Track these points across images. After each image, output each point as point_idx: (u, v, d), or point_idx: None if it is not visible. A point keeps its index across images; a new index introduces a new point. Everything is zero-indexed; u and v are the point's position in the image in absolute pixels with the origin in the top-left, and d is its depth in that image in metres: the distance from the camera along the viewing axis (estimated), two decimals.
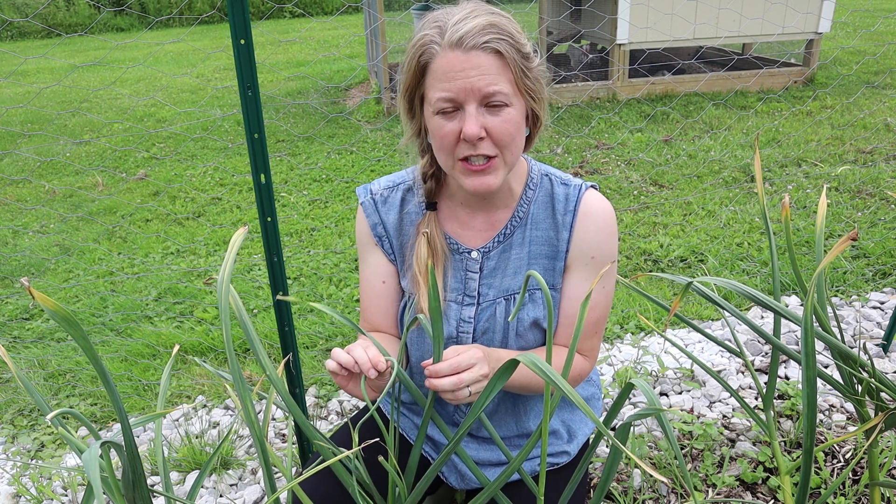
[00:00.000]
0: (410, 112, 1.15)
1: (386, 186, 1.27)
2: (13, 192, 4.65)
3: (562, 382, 0.77)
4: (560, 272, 1.21)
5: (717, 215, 3.62)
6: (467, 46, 1.02)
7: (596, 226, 1.18)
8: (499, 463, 1.33)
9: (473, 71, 1.02)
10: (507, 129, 1.06)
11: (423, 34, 1.06)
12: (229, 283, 0.91)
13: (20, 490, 1.93)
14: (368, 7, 6.71)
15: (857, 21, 9.35)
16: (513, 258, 1.21)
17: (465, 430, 0.92)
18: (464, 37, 1.01)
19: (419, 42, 1.06)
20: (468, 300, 1.22)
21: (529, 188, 1.21)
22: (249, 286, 3.14)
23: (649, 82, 6.04)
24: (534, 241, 1.21)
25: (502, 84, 1.04)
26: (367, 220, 1.25)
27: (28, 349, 2.72)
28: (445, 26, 1.04)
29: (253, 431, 0.94)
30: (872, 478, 1.28)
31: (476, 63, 1.02)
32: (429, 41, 1.05)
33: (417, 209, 1.24)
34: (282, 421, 2.21)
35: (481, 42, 1.02)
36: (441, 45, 1.03)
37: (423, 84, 1.08)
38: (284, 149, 5.27)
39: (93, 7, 12.97)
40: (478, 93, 1.03)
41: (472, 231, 1.23)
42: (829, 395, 2.11)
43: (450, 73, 1.03)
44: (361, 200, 1.26)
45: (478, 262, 1.22)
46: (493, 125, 1.05)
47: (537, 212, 1.21)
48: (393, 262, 1.27)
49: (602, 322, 1.23)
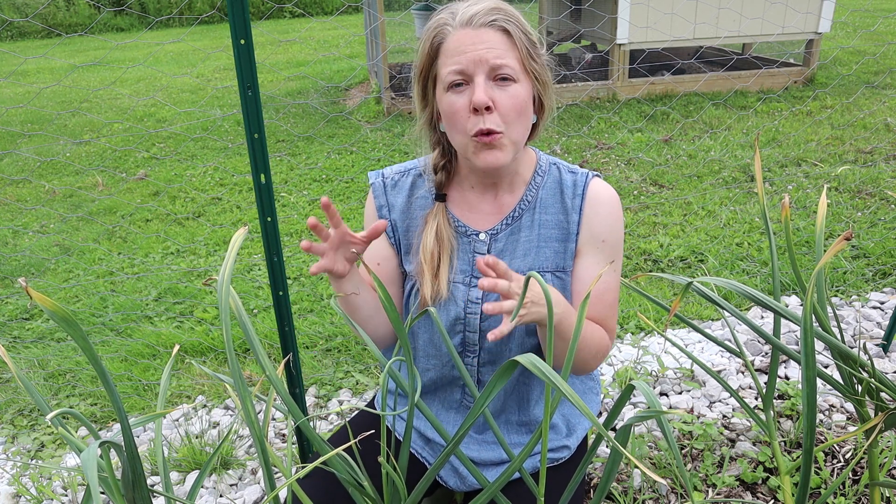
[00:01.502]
0: (424, 98, 1.19)
1: (397, 171, 1.30)
2: (13, 192, 4.65)
3: (560, 382, 0.77)
4: (571, 254, 1.23)
5: (717, 215, 3.62)
6: (476, 24, 1.10)
7: (605, 209, 1.22)
8: (500, 462, 1.33)
9: (482, 45, 1.09)
10: (514, 103, 1.11)
11: (437, 18, 1.15)
12: (229, 283, 0.91)
13: (20, 490, 1.93)
14: (368, 7, 6.71)
15: (857, 21, 9.35)
16: (522, 240, 1.24)
17: (466, 431, 0.92)
18: (473, 16, 1.10)
19: (434, 25, 1.14)
20: (475, 282, 1.23)
21: (538, 174, 1.25)
22: (249, 286, 3.14)
23: (649, 82, 6.04)
24: (544, 225, 1.23)
25: (510, 59, 1.10)
26: (375, 201, 1.28)
27: (28, 349, 2.72)
28: (457, 10, 1.12)
29: (253, 431, 0.94)
30: (872, 478, 1.28)
31: (485, 38, 1.09)
32: (443, 23, 1.13)
33: (427, 194, 1.27)
34: (282, 421, 2.21)
35: (489, 20, 1.10)
36: (453, 25, 1.11)
37: (435, 65, 1.14)
38: (284, 149, 5.27)
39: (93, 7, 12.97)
40: (486, 64, 1.09)
41: (481, 214, 1.25)
42: (829, 395, 2.11)
43: (460, 48, 1.10)
44: (372, 182, 1.29)
45: (486, 243, 1.24)
46: (500, 98, 1.10)
47: (546, 196, 1.24)
48: (393, 244, 1.28)
49: (615, 303, 1.27)
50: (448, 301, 1.23)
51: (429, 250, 1.21)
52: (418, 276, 1.23)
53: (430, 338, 1.28)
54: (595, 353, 1.22)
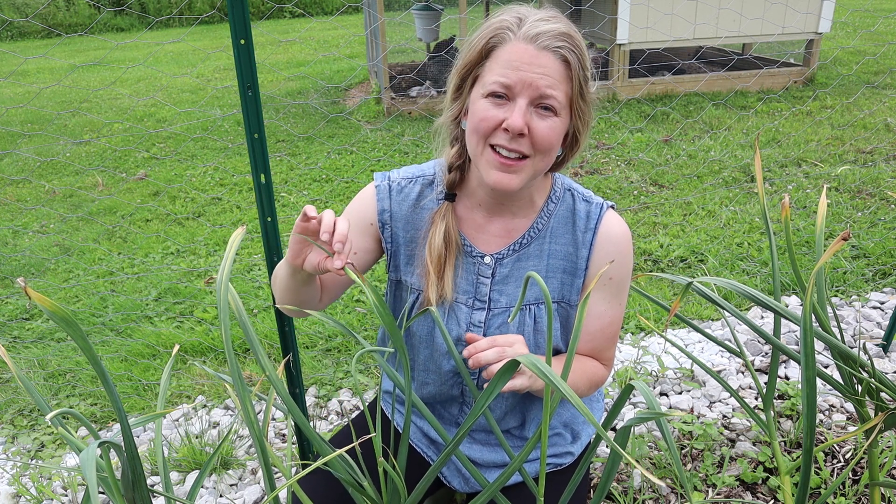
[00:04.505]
0: (458, 91, 1.14)
1: (405, 177, 1.25)
2: (13, 192, 4.65)
3: (563, 386, 0.77)
4: (578, 289, 1.22)
5: (717, 215, 3.62)
6: (541, 45, 1.03)
7: (615, 248, 1.20)
8: (502, 464, 1.33)
9: (539, 69, 1.03)
10: (549, 135, 1.07)
11: (501, 18, 1.07)
12: (229, 283, 0.91)
13: (20, 490, 1.93)
14: (368, 7, 6.71)
15: (857, 21, 9.35)
16: (529, 269, 1.21)
17: (466, 431, 0.92)
18: (540, 34, 1.03)
19: (495, 25, 1.07)
20: (479, 304, 1.22)
21: (552, 201, 1.21)
22: (249, 286, 3.14)
23: (649, 82, 6.04)
24: (552, 255, 1.21)
25: (559, 92, 1.05)
26: (377, 203, 1.23)
27: (28, 349, 2.72)
28: (525, 20, 1.06)
29: (253, 432, 0.94)
30: (872, 478, 1.28)
31: (543, 62, 1.04)
32: (505, 27, 1.06)
33: (434, 204, 1.22)
34: (282, 421, 2.21)
35: (554, 45, 1.04)
36: (516, 34, 1.05)
37: (482, 65, 1.09)
38: (284, 149, 5.27)
39: (93, 7, 12.97)
40: (535, 90, 1.04)
41: (488, 235, 1.22)
42: (829, 395, 2.11)
43: (515, 62, 1.04)
44: (377, 184, 1.24)
45: (490, 267, 1.21)
46: (538, 127, 1.06)
47: (557, 226, 1.21)
48: (386, 250, 1.25)
49: (617, 334, 1.26)
50: (450, 321, 1.22)
51: (436, 251, 1.18)
52: (423, 279, 1.21)
53: (430, 355, 1.26)
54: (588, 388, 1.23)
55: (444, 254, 1.19)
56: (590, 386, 1.23)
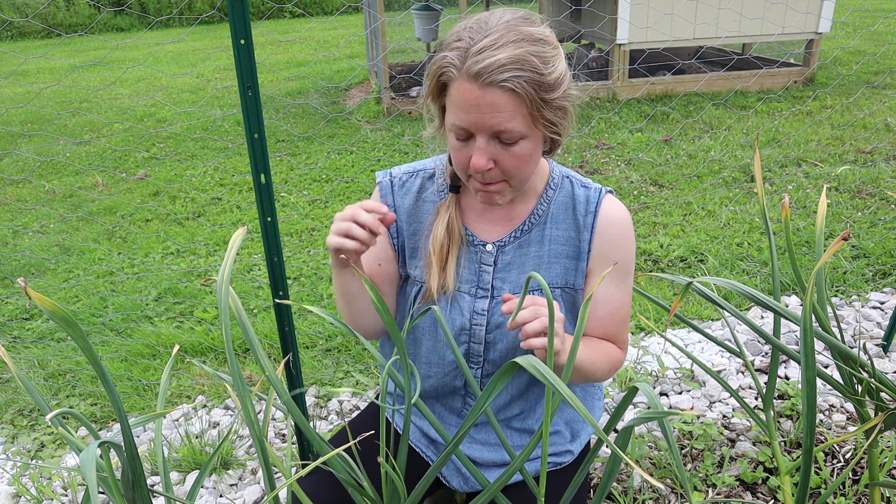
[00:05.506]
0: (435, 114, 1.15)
1: (406, 172, 1.27)
2: (13, 192, 4.65)
3: (562, 387, 0.77)
4: (583, 273, 1.22)
5: (717, 215, 3.62)
6: (484, 82, 0.99)
7: (617, 231, 1.21)
8: (502, 464, 1.33)
9: (487, 108, 1.01)
10: (517, 163, 1.07)
11: (443, 55, 1.04)
12: (229, 283, 0.91)
13: (20, 490, 1.93)
14: (368, 7, 6.71)
15: (857, 21, 9.35)
16: (531, 255, 1.22)
17: (466, 431, 0.92)
18: (482, 71, 0.99)
19: (440, 62, 1.04)
20: (482, 293, 1.22)
21: (550, 188, 1.23)
22: (249, 286, 3.14)
23: (649, 82, 6.04)
24: (554, 241, 1.22)
25: (516, 121, 1.02)
26: (381, 199, 1.26)
27: (28, 349, 2.72)
28: (469, 51, 1.01)
29: (253, 432, 0.94)
30: (872, 478, 1.28)
31: (490, 100, 1.00)
32: (448, 64, 1.03)
33: (436, 197, 1.24)
34: (282, 421, 2.21)
35: (498, 80, 0.99)
36: (460, 70, 1.01)
37: (443, 98, 1.08)
38: (284, 149, 5.27)
39: (93, 7, 12.97)
40: (489, 129, 1.03)
41: (489, 224, 1.23)
42: (829, 395, 2.11)
43: (464, 104, 1.02)
44: (379, 181, 1.27)
45: (492, 255, 1.23)
46: (503, 158, 1.06)
47: (557, 211, 1.22)
48: (394, 247, 1.27)
49: (627, 318, 1.27)
50: (453, 310, 1.22)
51: (439, 241, 1.20)
52: (425, 271, 1.22)
53: (433, 345, 1.26)
54: (609, 369, 1.24)
55: (446, 244, 1.21)
56: (610, 367, 1.23)
